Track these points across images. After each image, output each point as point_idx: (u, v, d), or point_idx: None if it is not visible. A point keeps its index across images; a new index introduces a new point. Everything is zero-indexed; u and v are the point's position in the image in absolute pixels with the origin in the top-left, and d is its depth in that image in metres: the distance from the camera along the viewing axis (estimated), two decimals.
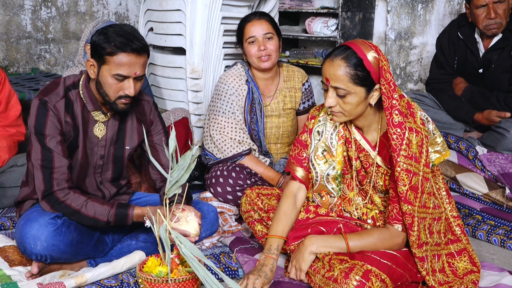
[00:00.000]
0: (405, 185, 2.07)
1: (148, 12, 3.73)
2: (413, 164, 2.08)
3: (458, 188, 3.21)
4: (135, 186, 2.98)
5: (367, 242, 2.15)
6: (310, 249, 2.16)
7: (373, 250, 2.12)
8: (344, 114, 2.15)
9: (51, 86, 2.28)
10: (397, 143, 2.06)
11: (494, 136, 3.25)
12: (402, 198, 2.08)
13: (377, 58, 2.07)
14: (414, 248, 2.12)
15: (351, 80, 2.06)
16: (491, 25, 3.29)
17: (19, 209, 2.40)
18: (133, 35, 2.19)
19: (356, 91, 2.08)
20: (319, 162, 2.32)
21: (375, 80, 2.09)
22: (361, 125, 2.25)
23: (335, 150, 2.29)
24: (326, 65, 2.11)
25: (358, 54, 2.07)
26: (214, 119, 3.01)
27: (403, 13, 4.47)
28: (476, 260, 2.30)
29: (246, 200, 2.56)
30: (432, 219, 2.20)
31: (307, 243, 2.17)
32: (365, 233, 2.20)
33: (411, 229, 2.11)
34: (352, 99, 2.10)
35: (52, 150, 2.21)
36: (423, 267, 2.13)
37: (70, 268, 2.30)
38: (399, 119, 2.06)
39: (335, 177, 2.32)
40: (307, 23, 4.72)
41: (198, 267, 1.82)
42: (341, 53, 2.09)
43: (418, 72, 4.59)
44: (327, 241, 2.17)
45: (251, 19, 3.05)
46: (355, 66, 2.06)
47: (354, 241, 2.16)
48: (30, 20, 4.63)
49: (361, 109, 2.15)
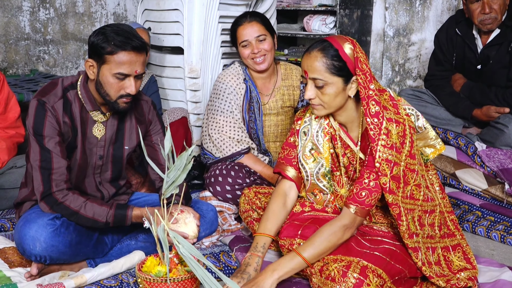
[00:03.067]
0: (386, 175, 2.09)
1: (145, 12, 3.73)
2: (394, 154, 2.10)
3: (457, 184, 3.21)
4: (136, 186, 2.98)
5: (321, 245, 2.10)
6: (272, 279, 2.07)
7: (331, 248, 2.11)
8: (323, 106, 2.18)
9: (49, 87, 2.28)
10: (375, 132, 2.09)
11: (493, 132, 3.24)
12: (385, 188, 2.09)
13: (352, 50, 2.12)
14: (405, 238, 2.13)
15: (328, 70, 2.11)
16: (486, 20, 3.29)
17: (19, 210, 2.40)
18: (132, 34, 2.19)
19: (333, 81, 2.12)
20: (307, 161, 2.33)
21: (352, 72, 2.13)
22: (344, 121, 2.27)
23: (322, 147, 2.31)
24: (304, 58, 2.17)
25: (334, 46, 2.12)
26: (213, 119, 3.01)
27: (401, 10, 4.47)
28: (470, 256, 2.30)
29: (244, 199, 2.57)
30: (422, 211, 2.21)
31: (267, 275, 2.07)
32: (317, 237, 2.14)
33: (400, 219, 2.12)
34: (330, 90, 2.13)
35: (50, 151, 2.21)
36: (418, 257, 2.13)
37: (70, 268, 2.30)
38: (376, 109, 2.10)
39: (325, 174, 2.32)
40: (305, 21, 4.73)
41: (196, 267, 1.82)
42: (318, 45, 2.15)
43: (417, 69, 4.59)
44: (285, 266, 2.10)
45: (242, 23, 3.01)
46: (331, 57, 2.11)
47: (308, 251, 2.10)
48: (28, 22, 4.63)
49: (340, 100, 2.17)
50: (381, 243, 2.17)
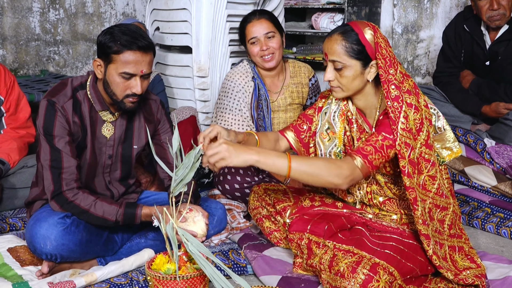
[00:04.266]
0: (404, 158, 2.09)
1: (154, 12, 3.75)
2: (411, 138, 2.11)
3: (466, 181, 3.20)
4: (145, 185, 3.00)
5: (310, 168, 2.05)
6: (250, 156, 2.00)
7: (315, 177, 2.06)
8: (342, 88, 2.21)
9: (58, 87, 2.30)
10: (396, 115, 2.10)
11: (502, 128, 3.23)
12: (404, 171, 2.09)
13: (373, 35, 2.15)
14: (419, 224, 2.12)
15: (347, 53, 2.14)
16: (494, 16, 3.28)
17: (29, 209, 2.43)
18: (139, 33, 2.21)
19: (351, 64, 2.15)
20: (323, 141, 2.36)
21: (371, 56, 2.15)
22: (363, 106, 2.28)
23: (337, 127, 2.33)
24: (326, 41, 2.22)
25: (355, 30, 2.15)
26: (221, 117, 3.03)
27: (409, 7, 4.45)
28: (473, 255, 2.29)
29: (254, 196, 2.59)
30: (433, 204, 2.21)
31: (249, 151, 2.01)
32: (312, 159, 2.14)
33: (415, 203, 2.12)
34: (348, 73, 2.16)
35: (60, 150, 2.23)
36: (429, 245, 2.12)
37: (80, 267, 2.33)
38: (395, 93, 2.11)
39: (337, 154, 2.34)
40: (313, 19, 4.72)
41: (205, 264, 1.83)
42: (340, 29, 2.20)
43: (426, 66, 4.58)
44: (270, 156, 2.04)
45: (251, 20, 3.05)
46: (351, 40, 2.14)
47: (297, 162, 2.05)
48: (38, 23, 4.66)
49: (358, 84, 2.19)
50: (389, 239, 2.17)
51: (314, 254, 2.19)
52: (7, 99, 3.08)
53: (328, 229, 2.25)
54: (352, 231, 2.26)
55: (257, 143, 2.32)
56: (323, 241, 2.20)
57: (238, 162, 2.00)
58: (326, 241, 2.19)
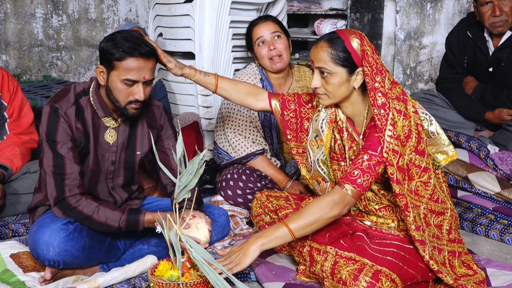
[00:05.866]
0: (393, 165, 2.10)
1: (157, 18, 3.76)
2: (399, 144, 2.12)
3: (470, 187, 3.19)
4: (148, 191, 3.00)
5: (307, 218, 2.12)
6: (256, 245, 2.09)
7: (316, 223, 2.13)
8: (328, 95, 2.22)
9: (61, 93, 2.30)
10: (382, 123, 2.11)
11: (505, 134, 3.23)
12: (392, 178, 2.10)
13: (359, 43, 2.16)
14: (412, 230, 2.13)
15: (332, 60, 2.16)
16: (496, 23, 3.28)
17: (32, 215, 2.42)
18: (141, 40, 2.21)
19: (337, 71, 2.16)
20: (313, 148, 2.37)
21: (358, 63, 2.16)
22: (351, 114, 2.29)
23: (324, 135, 2.34)
24: (313, 48, 2.24)
25: (341, 37, 2.17)
26: (229, 118, 3.04)
27: (412, 13, 4.46)
28: (468, 262, 2.30)
29: (257, 203, 2.58)
30: (428, 210, 2.21)
31: (251, 241, 2.10)
32: (304, 209, 2.16)
33: (406, 209, 2.12)
34: (334, 80, 2.17)
35: (63, 156, 2.23)
36: (425, 251, 2.12)
37: (83, 273, 2.32)
38: (382, 101, 2.12)
39: (323, 161, 2.35)
40: (316, 25, 4.73)
41: (208, 271, 1.83)
42: (326, 36, 2.22)
43: (429, 72, 4.58)
44: (270, 234, 2.12)
45: (258, 22, 3.09)
46: (337, 48, 2.16)
47: (295, 222, 2.12)
48: (41, 28, 4.67)
49: (344, 91, 2.20)
50: (390, 246, 2.17)
51: (316, 262, 2.18)
52: (10, 104, 3.08)
53: (329, 236, 2.25)
54: (353, 238, 2.25)
55: (215, 85, 2.52)
56: (324, 248, 2.19)
57: (250, 261, 2.07)
58: (328, 247, 2.19)
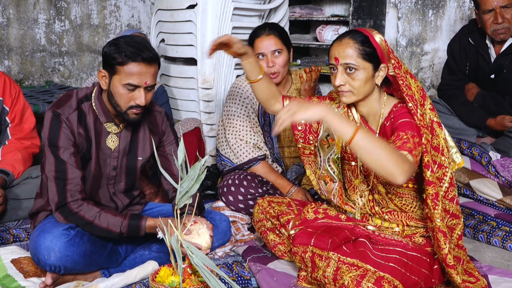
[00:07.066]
0: (428, 152, 2.10)
1: (159, 24, 3.77)
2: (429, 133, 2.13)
3: (472, 194, 3.18)
4: (150, 197, 3.00)
5: (376, 144, 1.92)
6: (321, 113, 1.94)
7: (376, 157, 1.90)
8: (353, 92, 2.20)
9: (64, 99, 2.30)
10: (413, 113, 2.12)
11: (507, 141, 3.22)
12: (427, 166, 2.08)
13: (381, 38, 2.19)
14: (438, 220, 2.09)
15: (360, 55, 2.16)
16: (498, 30, 3.28)
17: (34, 220, 2.42)
18: (144, 45, 2.21)
19: (365, 66, 2.16)
20: (323, 147, 2.37)
21: (381, 59, 2.18)
22: (366, 113, 2.28)
23: (336, 134, 2.33)
24: (334, 46, 2.21)
25: (364, 33, 2.19)
26: (229, 123, 3.03)
27: (413, 20, 4.46)
28: (470, 270, 2.29)
29: (258, 209, 2.58)
30: (443, 208, 2.19)
31: (323, 107, 1.96)
32: (381, 139, 2.04)
33: (437, 198, 2.09)
34: (361, 75, 2.16)
35: (65, 161, 2.23)
36: (446, 243, 2.10)
37: (84, 278, 2.32)
38: (409, 92, 2.15)
39: (334, 160, 2.35)
40: (317, 31, 4.74)
41: (209, 277, 1.83)
42: (348, 33, 2.21)
43: (430, 78, 4.58)
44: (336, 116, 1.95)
45: (260, 34, 2.99)
46: (362, 43, 2.17)
47: (365, 134, 1.92)
48: (44, 34, 4.68)
49: (369, 88, 2.20)
50: (393, 252, 2.16)
51: (318, 268, 2.18)
52: (12, 109, 3.09)
53: (332, 242, 2.24)
54: (355, 244, 2.25)
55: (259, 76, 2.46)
56: (327, 254, 2.19)
57: (306, 116, 1.92)
58: (330, 253, 2.18)
